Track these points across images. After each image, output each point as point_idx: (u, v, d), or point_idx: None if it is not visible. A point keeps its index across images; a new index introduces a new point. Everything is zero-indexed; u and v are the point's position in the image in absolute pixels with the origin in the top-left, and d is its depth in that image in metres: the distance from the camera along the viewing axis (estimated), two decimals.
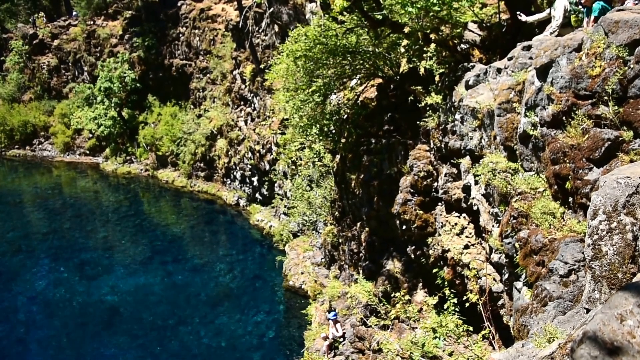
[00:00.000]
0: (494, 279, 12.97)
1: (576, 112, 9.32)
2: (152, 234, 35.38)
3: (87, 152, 52.83)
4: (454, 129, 14.68)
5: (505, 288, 12.42)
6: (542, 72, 10.59)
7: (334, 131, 21.04)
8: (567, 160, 9.25)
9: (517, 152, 11.53)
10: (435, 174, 16.47)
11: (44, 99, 56.58)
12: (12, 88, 57.61)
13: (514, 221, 10.44)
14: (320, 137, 21.46)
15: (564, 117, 9.59)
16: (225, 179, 41.36)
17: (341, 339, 18.83)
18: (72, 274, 30.21)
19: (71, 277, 29.82)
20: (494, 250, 12.24)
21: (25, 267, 31.00)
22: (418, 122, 16.85)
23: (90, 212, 40.71)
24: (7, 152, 55.39)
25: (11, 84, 57.81)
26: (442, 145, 15.53)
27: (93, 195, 44.89)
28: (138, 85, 48.95)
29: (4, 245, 33.41)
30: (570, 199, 9.40)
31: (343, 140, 21.04)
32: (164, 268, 30.54)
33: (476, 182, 13.63)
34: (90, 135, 52.11)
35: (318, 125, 20.47)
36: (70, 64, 56.04)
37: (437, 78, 16.25)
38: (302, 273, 26.85)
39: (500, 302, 12.80)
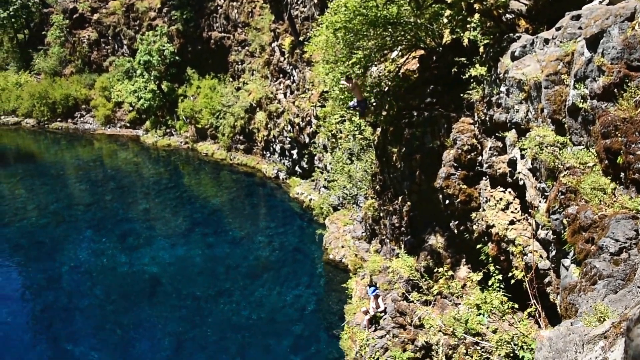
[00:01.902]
0: (541, 256, 12.65)
1: (628, 84, 9.04)
2: (192, 206, 35.83)
3: (128, 124, 53.64)
4: (499, 101, 14.23)
5: (552, 265, 12.09)
6: (592, 42, 10.14)
7: (374, 104, 20.70)
8: (619, 134, 8.91)
9: (566, 125, 11.09)
10: (479, 148, 16.06)
11: (84, 72, 57.56)
12: (53, 62, 58.77)
13: (562, 197, 10.10)
14: None
15: (615, 89, 9.27)
16: (264, 152, 41.48)
17: (382, 314, 18.77)
18: (114, 244, 30.88)
19: (113, 248, 30.49)
20: (540, 227, 11.90)
21: (68, 237, 31.81)
22: (461, 95, 16.39)
23: (131, 184, 41.45)
24: (50, 125, 56.75)
25: (53, 58, 58.94)
26: (487, 118, 15.09)
27: (134, 168, 45.66)
28: (177, 58, 49.20)
29: (48, 216, 34.32)
30: (622, 175, 9.06)
31: (384, 113, 20.68)
32: (204, 240, 30.93)
33: (522, 157, 13.22)
34: (131, 108, 52.82)
35: None
36: (109, 38, 56.67)
37: (481, 49, 15.76)
38: (342, 247, 26.83)
39: (546, 280, 12.49)
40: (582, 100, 10.21)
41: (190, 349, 22.28)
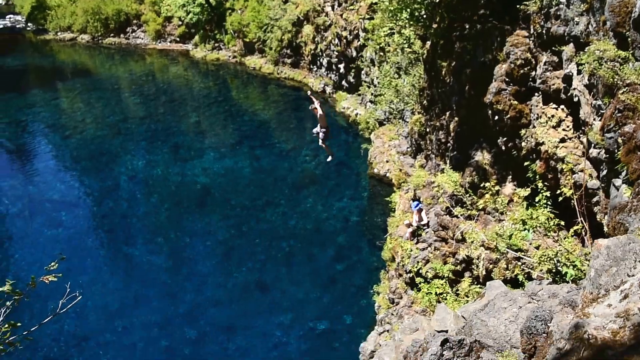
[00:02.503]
0: (590, 175, 12.50)
1: None
2: (241, 119, 36.31)
3: (177, 39, 53.76)
4: (558, 13, 13.62)
5: (602, 185, 11.95)
6: None
7: (425, 16, 20.06)
8: None
9: (629, 39, 10.58)
10: (533, 62, 15.57)
11: None
12: None
13: (619, 114, 9.82)
14: (411, 22, 20.59)
15: None
16: (311, 66, 41.12)
17: (424, 227, 19.10)
18: (167, 155, 31.86)
19: (166, 159, 31.49)
20: (593, 145, 11.67)
21: (124, 149, 32.94)
22: (517, 6, 15.73)
23: (182, 97, 42.08)
24: (103, 41, 57.55)
25: None
26: (543, 31, 14.52)
27: (184, 82, 46.15)
28: None
29: (105, 129, 35.46)
30: None
31: (434, 26, 20.09)
32: (252, 152, 31.54)
33: (579, 72, 12.80)
34: (180, 23, 52.72)
35: (408, 10, 19.57)
36: None
37: None
38: (387, 161, 26.96)
39: (594, 199, 12.40)
40: None
41: (238, 255, 23.34)
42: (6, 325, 5.73)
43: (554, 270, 11.34)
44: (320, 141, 18.37)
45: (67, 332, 20.08)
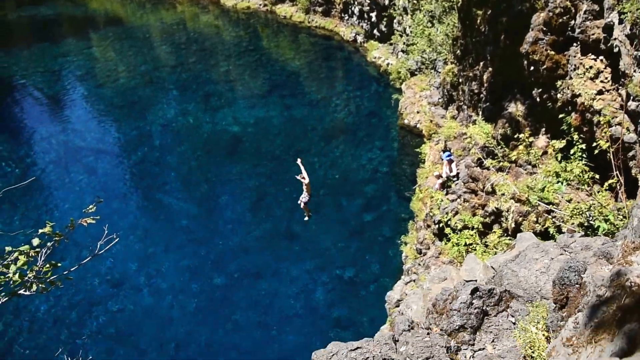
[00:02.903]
0: (627, 129, 12.26)
1: None
2: (271, 68, 36.13)
3: None
4: None
5: (639, 139, 11.75)
6: None
7: None
8: None
9: None
10: (573, 11, 15.06)
11: None
12: None
13: None
14: None
15: None
16: (342, 15, 40.40)
17: (454, 179, 19.06)
18: (198, 104, 32.04)
19: (197, 108, 31.69)
20: (632, 98, 11.42)
21: (156, 97, 33.20)
22: None
23: (213, 46, 41.90)
24: None
25: None
26: None
27: (214, 30, 45.85)
28: None
29: (137, 78, 35.70)
30: None
31: None
32: (282, 102, 31.51)
33: (621, 21, 12.39)
34: None
35: None
36: None
37: None
38: (417, 112, 26.71)
39: (631, 154, 12.19)
40: None
41: (267, 203, 23.70)
42: (47, 265, 5.96)
43: (585, 224, 11.29)
44: (302, 204, 18.76)
45: (104, 274, 20.86)
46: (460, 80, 22.40)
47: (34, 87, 35.67)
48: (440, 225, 17.60)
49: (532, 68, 16.03)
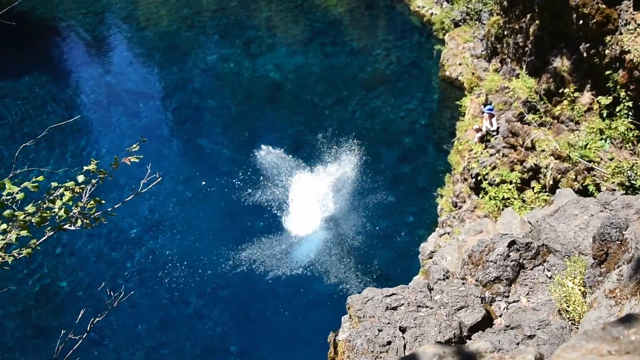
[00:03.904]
0: None
1: None
2: (313, 15, 35.71)
3: None
4: None
5: None
6: None
7: None
8: None
9: None
10: None
11: None
12: None
13: None
14: None
15: None
16: None
17: (494, 133, 18.96)
18: (239, 50, 32.07)
19: (238, 53, 31.73)
20: None
21: (197, 42, 33.30)
22: None
23: None
24: None
25: None
26: None
27: None
28: None
29: (178, 21, 35.75)
30: None
31: None
32: (323, 49, 31.31)
33: None
34: None
35: None
36: None
37: None
38: (459, 64, 26.29)
39: None
40: None
41: (307, 148, 23.98)
42: (92, 202, 6.09)
43: (626, 184, 11.27)
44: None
45: (143, 215, 21.62)
46: (505, 32, 21.90)
47: (78, 29, 36.10)
48: (479, 178, 17.64)
49: (581, 22, 15.63)
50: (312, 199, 21.56)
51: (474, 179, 18.48)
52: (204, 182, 22.72)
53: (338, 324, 7.52)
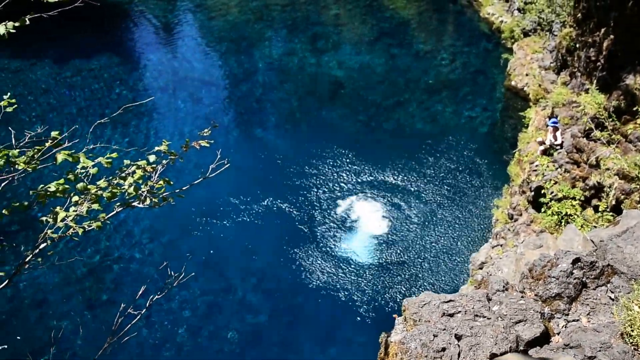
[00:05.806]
0: None
1: None
2: (381, 15, 35.70)
3: None
4: None
5: None
6: None
7: None
8: None
9: None
10: None
11: None
12: None
13: None
14: None
15: None
16: None
17: (558, 147, 18.59)
18: (305, 45, 32.41)
19: (304, 49, 32.08)
20: None
21: (264, 34, 33.84)
22: None
23: None
24: None
25: None
26: None
27: None
28: None
29: (247, 13, 36.38)
30: None
31: None
32: (389, 50, 31.30)
33: None
34: None
35: None
36: None
37: None
38: (526, 75, 25.83)
39: None
40: None
41: (365, 149, 24.09)
42: (161, 182, 6.33)
43: None
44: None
45: (198, 201, 22.07)
46: (577, 45, 21.40)
47: (150, 15, 37.20)
48: (542, 191, 17.28)
49: None
50: (365, 200, 21.66)
51: (532, 192, 18.16)
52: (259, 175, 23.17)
53: (379, 325, 7.60)
